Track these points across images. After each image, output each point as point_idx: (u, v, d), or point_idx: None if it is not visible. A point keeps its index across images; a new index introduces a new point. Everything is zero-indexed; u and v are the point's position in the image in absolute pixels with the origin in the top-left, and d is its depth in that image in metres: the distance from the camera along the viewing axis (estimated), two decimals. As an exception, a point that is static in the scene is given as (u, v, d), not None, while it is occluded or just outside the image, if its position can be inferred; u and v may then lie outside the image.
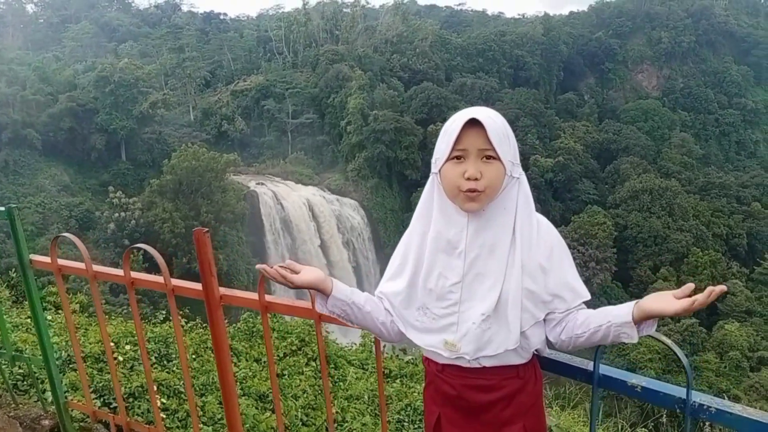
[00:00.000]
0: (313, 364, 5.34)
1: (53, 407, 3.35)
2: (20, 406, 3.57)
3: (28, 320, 4.89)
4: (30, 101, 49.00)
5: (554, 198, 58.41)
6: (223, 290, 2.52)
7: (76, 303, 6.61)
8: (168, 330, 5.06)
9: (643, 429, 6.60)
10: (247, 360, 5.23)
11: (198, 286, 2.52)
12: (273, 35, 75.51)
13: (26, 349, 4.13)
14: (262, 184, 52.09)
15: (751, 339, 41.91)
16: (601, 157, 63.24)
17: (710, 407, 1.79)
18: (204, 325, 7.33)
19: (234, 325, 6.13)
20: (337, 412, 4.55)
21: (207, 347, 5.12)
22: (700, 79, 79.95)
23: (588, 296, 1.95)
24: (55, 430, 3.40)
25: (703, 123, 75.38)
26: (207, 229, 2.36)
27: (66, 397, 3.36)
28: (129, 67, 53.78)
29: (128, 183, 48.22)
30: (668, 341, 1.78)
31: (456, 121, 1.84)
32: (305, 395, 4.78)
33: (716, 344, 41.75)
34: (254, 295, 2.46)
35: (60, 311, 5.38)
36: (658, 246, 52.32)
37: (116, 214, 41.00)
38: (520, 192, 1.91)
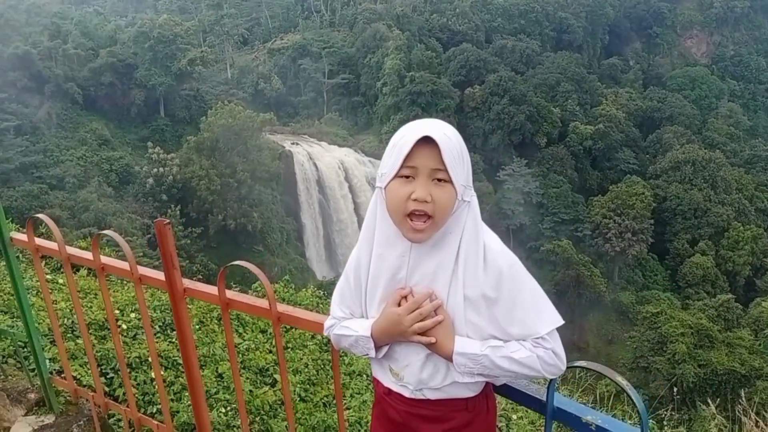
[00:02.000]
0: (320, 337, 5.14)
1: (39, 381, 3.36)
2: (9, 378, 3.60)
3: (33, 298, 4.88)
4: (71, 55, 49.68)
5: (592, 166, 57.23)
6: (186, 283, 2.42)
7: (86, 268, 6.64)
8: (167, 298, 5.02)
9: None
10: (252, 331, 5.11)
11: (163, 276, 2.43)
12: (311, -8, 74.67)
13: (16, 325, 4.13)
14: (297, 144, 52.29)
15: (789, 317, 40.93)
16: (643, 126, 61.47)
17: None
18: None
19: (248, 291, 6.03)
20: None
21: (213, 316, 5.03)
22: (753, 46, 76.47)
23: (543, 332, 1.73)
24: (41, 403, 3.42)
25: (752, 93, 72.47)
26: (168, 221, 2.23)
27: (50, 373, 3.36)
28: (168, 23, 53.95)
29: (166, 139, 48.90)
30: (624, 383, 1.61)
31: (407, 136, 1.67)
32: (306, 369, 4.67)
33: (752, 321, 40.97)
34: (216, 290, 2.36)
35: (75, 274, 5.44)
36: (697, 219, 51.08)
37: (155, 170, 41.75)
38: (468, 215, 1.75)
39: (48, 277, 5.55)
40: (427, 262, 1.76)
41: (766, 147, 61.60)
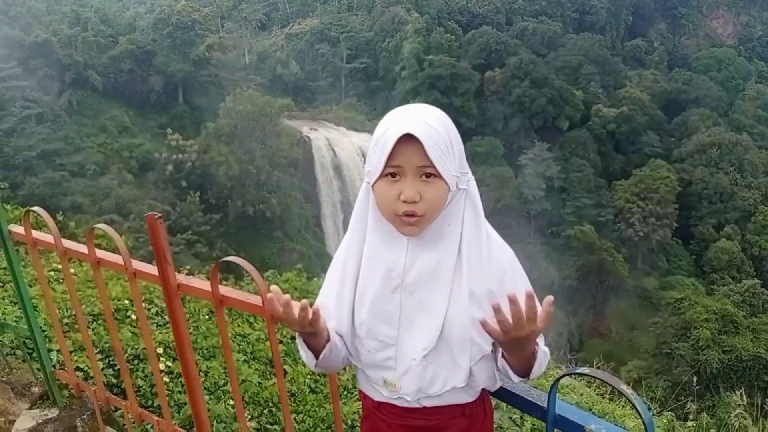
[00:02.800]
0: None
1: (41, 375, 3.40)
2: (14, 371, 3.61)
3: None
4: (91, 42, 49.98)
5: (616, 150, 56.37)
6: (180, 278, 2.34)
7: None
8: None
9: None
10: (263, 320, 4.96)
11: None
12: (329, -23, 74.06)
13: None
14: (315, 129, 52.21)
15: (818, 303, 40.16)
16: (668, 109, 60.29)
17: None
18: (228, 278, 7.25)
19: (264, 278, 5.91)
20: (347, 379, 4.40)
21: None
22: (782, 26, 74.51)
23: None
24: (45, 396, 3.42)
25: (781, 74, 70.67)
26: (159, 215, 2.14)
27: (53, 366, 3.36)
28: (186, 9, 54.04)
29: (185, 126, 49.09)
30: (628, 392, 1.48)
31: (387, 132, 1.54)
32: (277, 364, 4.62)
33: (779, 307, 40.24)
34: (210, 286, 2.27)
35: (84, 264, 5.24)
36: (723, 203, 50.23)
37: (174, 156, 41.99)
38: (467, 203, 1.63)
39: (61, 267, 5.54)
40: (426, 257, 1.64)
41: (795, 129, 60.18)
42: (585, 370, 1.65)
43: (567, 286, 42.77)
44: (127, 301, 4.51)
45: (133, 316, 4.37)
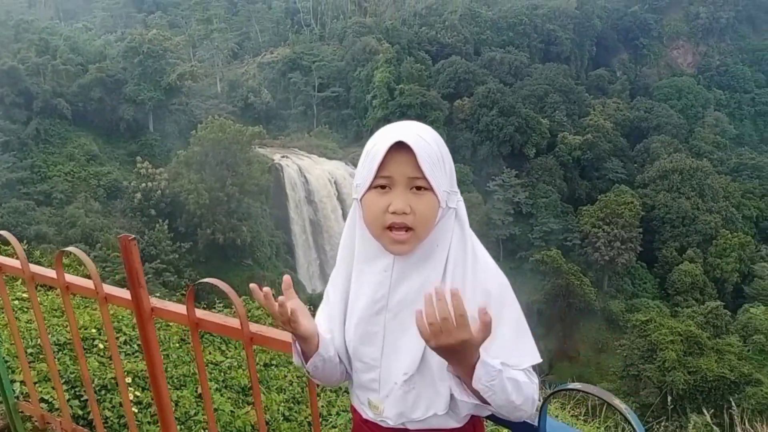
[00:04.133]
0: None
1: (3, 407, 3.26)
2: None
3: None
4: (60, 71, 49.69)
5: (581, 176, 57.57)
6: (154, 302, 2.27)
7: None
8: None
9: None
10: (236, 348, 4.87)
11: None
12: (301, 7, 75.00)
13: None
14: (287, 157, 52.39)
15: (777, 323, 41.20)
16: (631, 136, 61.98)
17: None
18: (204, 305, 7.08)
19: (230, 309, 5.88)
20: (322, 406, 4.33)
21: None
22: (738, 56, 77.37)
23: (523, 365, 1.56)
24: (6, 429, 3.26)
25: (738, 102, 73.21)
26: (133, 237, 2.11)
27: (16, 398, 3.24)
28: (157, 37, 54.09)
29: (155, 154, 48.89)
30: (622, 407, 1.47)
31: (379, 143, 1.52)
32: (291, 387, 4.51)
33: (740, 327, 41.25)
34: (185, 310, 2.20)
35: (49, 293, 5.19)
36: (685, 227, 51.42)
37: (143, 184, 41.72)
38: (456, 224, 1.60)
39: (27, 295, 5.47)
40: (412, 277, 1.59)
41: (752, 155, 62.22)
42: (577, 385, 1.60)
43: (536, 310, 43.23)
44: (94, 330, 4.40)
45: (101, 345, 4.25)
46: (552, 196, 52.94)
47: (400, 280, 1.60)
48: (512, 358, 1.55)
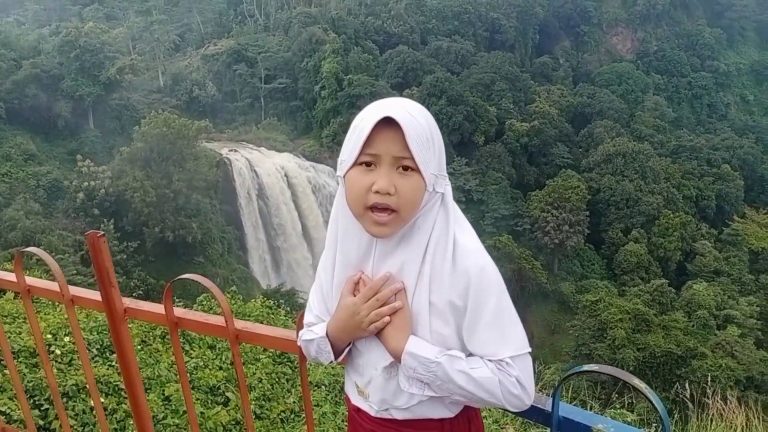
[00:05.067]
0: (271, 350, 4.94)
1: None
2: None
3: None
4: (-8, 68, 47.36)
5: (529, 162, 58.60)
6: (127, 302, 2.16)
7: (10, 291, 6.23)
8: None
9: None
10: (200, 347, 4.77)
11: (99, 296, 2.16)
12: (244, -3, 73.64)
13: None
14: (235, 151, 51.42)
15: (718, 298, 43.09)
16: (575, 121, 63.43)
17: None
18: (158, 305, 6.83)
19: (193, 305, 5.81)
20: (294, 402, 4.29)
21: (156, 335, 4.75)
22: (674, 41, 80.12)
23: (501, 355, 1.51)
24: None
25: (675, 86, 75.87)
26: (102, 233, 1.98)
27: None
28: (94, 31, 52.15)
29: (97, 151, 47.14)
30: (642, 386, 1.44)
31: (366, 118, 1.46)
32: (260, 385, 4.45)
33: (684, 303, 42.86)
34: (162, 309, 2.09)
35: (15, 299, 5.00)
36: (629, 209, 53.04)
37: (85, 183, 40.15)
38: (441, 209, 1.55)
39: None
40: (392, 259, 1.54)
41: (690, 137, 64.62)
42: (593, 367, 1.55)
43: (490, 296, 43.79)
44: (49, 335, 4.25)
45: (57, 351, 4.09)
46: (502, 182, 53.73)
47: (381, 262, 1.56)
48: (489, 347, 1.51)
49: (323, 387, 4.62)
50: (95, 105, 50.27)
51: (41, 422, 3.35)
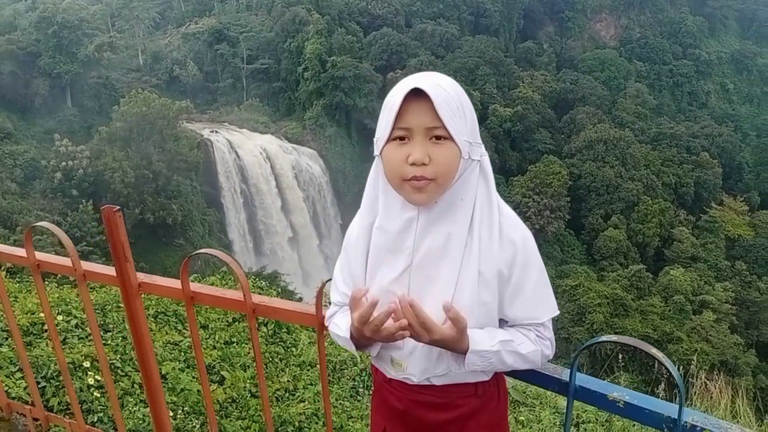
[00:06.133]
0: (265, 329, 4.95)
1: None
2: None
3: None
4: (-35, 43, 46.15)
5: (512, 148, 58.83)
6: (141, 277, 2.15)
7: (3, 270, 6.09)
8: (105, 297, 4.64)
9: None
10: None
11: (113, 271, 2.15)
12: (226, -25, 72.31)
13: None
14: (217, 132, 50.87)
15: (694, 284, 43.92)
16: (558, 107, 63.70)
17: (704, 429, 1.51)
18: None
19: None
20: (288, 381, 4.33)
21: (149, 313, 4.69)
22: (657, 29, 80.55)
23: (544, 318, 1.63)
24: None
25: (657, 73, 76.39)
26: (117, 208, 1.98)
27: None
28: (72, 7, 51.00)
29: (75, 130, 46.31)
30: (660, 355, 1.49)
31: (396, 93, 1.49)
32: (254, 364, 4.39)
33: (662, 289, 43.60)
34: (178, 284, 2.09)
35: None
36: (610, 195, 53.63)
37: (63, 163, 39.51)
38: (480, 178, 1.57)
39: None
40: (436, 232, 1.56)
41: (671, 125, 65.26)
42: (612, 337, 1.58)
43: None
44: (42, 315, 4.15)
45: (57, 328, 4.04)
46: (485, 167, 53.79)
47: (425, 234, 1.58)
48: (534, 311, 1.62)
49: (316, 366, 4.62)
50: (73, 83, 49.31)
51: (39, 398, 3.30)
